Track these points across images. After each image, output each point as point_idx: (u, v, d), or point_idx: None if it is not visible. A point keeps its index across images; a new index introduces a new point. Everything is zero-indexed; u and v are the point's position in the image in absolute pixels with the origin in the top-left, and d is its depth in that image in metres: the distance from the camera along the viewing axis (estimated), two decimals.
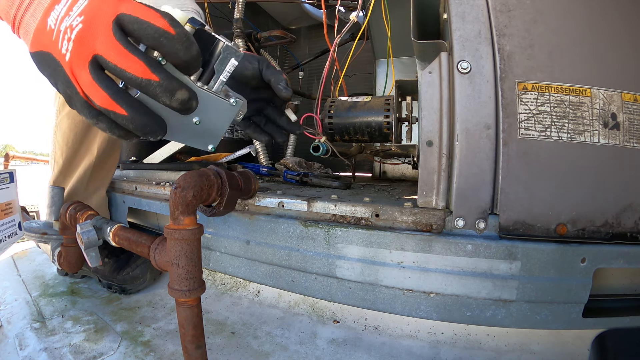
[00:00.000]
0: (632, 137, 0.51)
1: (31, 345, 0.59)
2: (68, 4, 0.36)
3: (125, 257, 0.82)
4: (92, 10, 0.35)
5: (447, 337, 0.57)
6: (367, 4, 0.95)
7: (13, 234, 0.68)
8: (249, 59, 0.59)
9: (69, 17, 0.35)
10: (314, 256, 0.59)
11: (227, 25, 1.52)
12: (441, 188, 0.54)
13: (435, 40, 0.55)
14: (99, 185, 0.89)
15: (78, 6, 0.35)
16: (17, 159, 2.56)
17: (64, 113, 0.81)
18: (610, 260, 0.50)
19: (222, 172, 0.50)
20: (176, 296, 0.44)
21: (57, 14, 0.36)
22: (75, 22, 0.35)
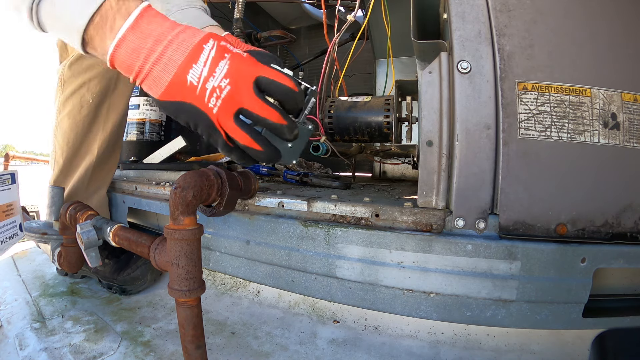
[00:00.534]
0: (632, 137, 0.51)
1: (31, 345, 0.59)
2: (209, 65, 0.43)
3: (126, 258, 0.82)
4: (235, 74, 0.44)
5: (447, 337, 0.57)
6: (366, 4, 0.95)
7: (14, 235, 0.68)
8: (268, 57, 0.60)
9: (213, 78, 0.43)
10: (314, 256, 0.59)
11: (227, 25, 1.52)
12: (441, 188, 0.54)
13: (435, 40, 0.55)
14: (100, 185, 0.89)
15: (220, 69, 0.43)
16: (17, 159, 2.56)
17: (64, 113, 0.81)
18: (610, 260, 0.50)
19: (222, 172, 0.50)
20: (176, 296, 0.44)
21: (199, 73, 0.43)
22: (224, 84, 0.43)
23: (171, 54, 0.43)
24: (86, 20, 0.42)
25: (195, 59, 0.43)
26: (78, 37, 0.43)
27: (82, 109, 0.81)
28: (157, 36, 0.43)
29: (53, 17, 0.43)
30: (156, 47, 0.43)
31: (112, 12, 0.42)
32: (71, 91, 0.80)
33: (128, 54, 0.43)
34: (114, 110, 0.85)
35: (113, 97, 0.84)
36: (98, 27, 0.43)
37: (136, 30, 0.43)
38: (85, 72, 0.80)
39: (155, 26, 0.43)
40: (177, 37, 0.43)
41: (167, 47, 0.43)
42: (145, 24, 0.43)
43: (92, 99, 0.80)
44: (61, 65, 0.82)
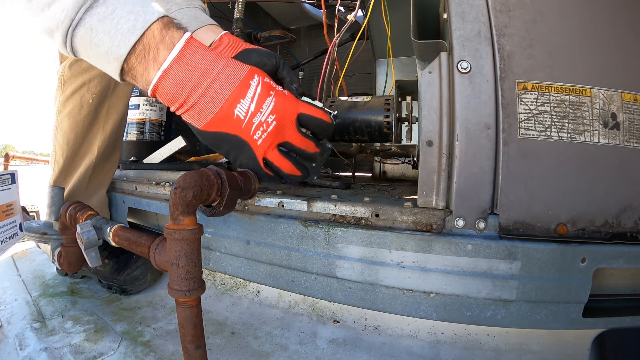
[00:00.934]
0: (632, 137, 0.51)
1: (31, 345, 0.59)
2: (255, 102, 0.47)
3: (126, 258, 0.82)
4: (280, 111, 0.48)
5: (447, 337, 0.57)
6: (366, 4, 0.95)
7: (14, 235, 0.68)
8: (268, 56, 0.61)
9: (260, 114, 0.47)
10: (314, 256, 0.59)
11: (227, 25, 1.52)
12: (441, 188, 0.54)
13: (435, 40, 0.55)
14: (100, 185, 0.89)
15: (267, 105, 0.47)
16: (17, 159, 2.56)
17: (64, 113, 0.81)
18: (610, 260, 0.50)
19: (222, 172, 0.50)
20: (176, 296, 0.44)
21: (246, 108, 0.46)
22: (270, 120, 0.48)
23: (218, 88, 0.45)
24: (128, 49, 0.42)
25: (243, 94, 0.46)
26: (117, 65, 0.43)
27: (82, 109, 0.81)
28: (203, 69, 0.44)
29: (90, 43, 0.42)
30: (203, 80, 0.44)
31: (154, 42, 0.43)
32: (71, 91, 0.80)
33: (173, 86, 0.44)
34: (114, 111, 0.85)
35: (113, 97, 0.84)
36: (140, 56, 0.43)
37: (181, 62, 0.44)
38: (85, 73, 0.80)
39: (200, 58, 0.45)
40: (223, 71, 0.45)
41: (214, 81, 0.44)
42: (190, 56, 0.44)
43: (92, 99, 0.80)
44: (61, 66, 0.82)
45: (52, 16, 0.41)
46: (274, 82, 0.51)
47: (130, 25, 0.41)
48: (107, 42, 0.42)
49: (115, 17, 0.41)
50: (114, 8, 0.41)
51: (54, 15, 0.40)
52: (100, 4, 0.41)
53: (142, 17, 0.42)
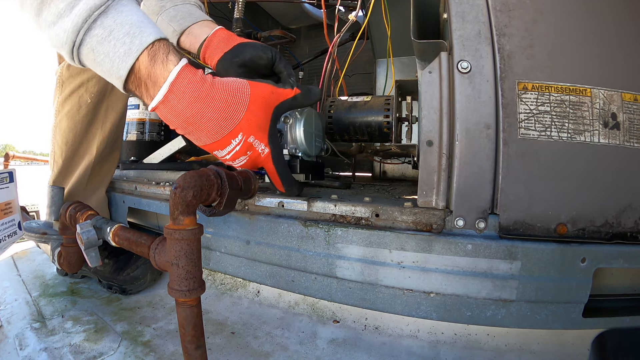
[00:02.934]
0: (632, 137, 0.51)
1: (31, 345, 0.59)
2: (231, 155, 0.53)
3: (126, 258, 0.82)
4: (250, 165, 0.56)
5: (447, 337, 0.57)
6: (367, 4, 0.95)
7: (13, 234, 0.68)
8: (264, 49, 0.61)
9: (233, 162, 0.55)
10: (314, 256, 0.59)
11: (227, 25, 1.52)
12: (441, 188, 0.54)
13: (435, 40, 0.54)
14: (99, 185, 0.89)
15: (239, 161, 0.55)
16: (17, 159, 2.56)
17: (63, 113, 0.81)
18: (610, 260, 0.50)
19: (222, 172, 0.50)
20: (176, 296, 0.44)
21: (222, 155, 0.53)
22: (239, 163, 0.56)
23: (200, 136, 0.49)
24: (126, 71, 0.44)
25: (222, 147, 0.51)
26: (120, 83, 0.45)
27: (81, 109, 0.81)
28: (186, 117, 0.47)
29: (93, 62, 0.44)
30: (188, 126, 0.48)
31: (143, 77, 0.45)
32: (70, 91, 0.80)
33: (164, 119, 0.48)
34: (113, 110, 0.85)
35: (111, 97, 0.84)
36: (134, 84, 0.45)
37: (166, 106, 0.46)
38: (83, 73, 0.79)
39: (185, 106, 0.46)
40: (205, 123, 0.48)
41: (197, 131, 0.49)
42: (175, 101, 0.46)
43: (90, 99, 0.80)
44: (60, 66, 0.82)
45: (57, 35, 0.42)
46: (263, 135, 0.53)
47: (127, 48, 0.42)
48: (107, 63, 0.43)
49: (112, 40, 0.42)
50: (110, 30, 0.42)
51: (58, 35, 0.42)
52: (98, 26, 0.41)
53: (137, 41, 0.43)
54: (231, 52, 0.61)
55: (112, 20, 0.42)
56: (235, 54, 0.60)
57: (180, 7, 0.70)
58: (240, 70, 0.60)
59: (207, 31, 0.66)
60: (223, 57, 0.60)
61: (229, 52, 0.61)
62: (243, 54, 0.60)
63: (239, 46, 0.61)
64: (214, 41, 0.64)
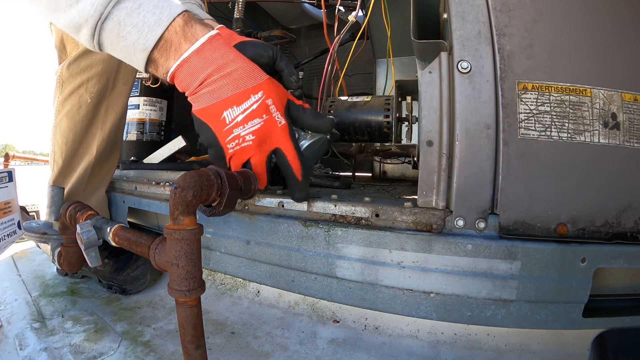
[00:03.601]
0: (632, 137, 0.51)
1: (31, 345, 0.59)
2: (245, 115, 0.48)
3: (126, 258, 0.82)
4: (261, 136, 0.50)
5: (447, 337, 0.57)
6: (366, 4, 0.95)
7: (12, 233, 0.68)
8: (265, 48, 0.61)
9: (243, 128, 0.49)
10: (314, 256, 0.59)
11: (227, 25, 1.52)
12: (441, 188, 0.54)
13: (435, 40, 0.55)
14: (99, 184, 0.89)
15: (253, 124, 0.49)
16: (17, 159, 2.56)
17: (63, 113, 0.81)
18: (610, 260, 0.50)
19: (222, 172, 0.50)
20: (176, 296, 0.44)
21: (234, 116, 0.48)
22: (248, 138, 0.49)
23: (222, 85, 0.48)
24: (155, 40, 0.45)
25: (239, 102, 0.48)
26: (144, 56, 0.46)
27: (81, 109, 0.81)
28: (218, 65, 0.47)
29: (117, 36, 0.45)
30: (214, 74, 0.47)
31: (177, 37, 0.46)
32: (69, 91, 0.80)
33: (188, 74, 0.47)
34: (113, 110, 0.85)
35: (111, 97, 0.84)
36: (162, 50, 0.46)
37: (200, 55, 0.47)
38: (83, 73, 0.79)
39: (219, 55, 0.48)
40: (235, 72, 0.48)
41: (223, 78, 0.48)
42: (210, 51, 0.47)
43: (90, 99, 0.80)
44: (60, 66, 0.82)
45: (81, 10, 0.43)
46: (281, 106, 0.51)
47: (157, 18, 0.44)
48: (134, 35, 0.44)
49: (142, 11, 0.44)
50: (140, 3, 0.44)
51: (83, 9, 0.43)
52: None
53: (167, 11, 0.45)
54: None
55: None
56: None
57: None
58: None
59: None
60: None
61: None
62: (244, 52, 0.60)
63: (240, 45, 0.61)
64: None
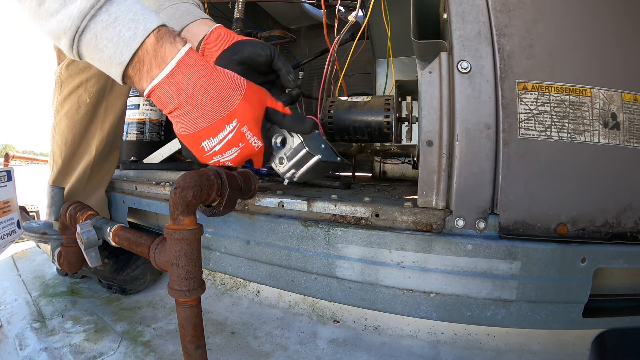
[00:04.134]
0: (632, 137, 0.51)
1: (31, 345, 0.59)
2: (222, 145, 0.50)
3: (125, 258, 0.82)
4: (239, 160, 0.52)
5: (447, 337, 0.57)
6: (366, 4, 0.95)
7: (12, 232, 0.68)
8: (262, 47, 0.61)
9: (222, 156, 0.51)
10: (314, 256, 0.59)
11: (227, 25, 1.52)
12: (441, 188, 0.54)
13: (435, 40, 0.55)
14: (98, 184, 0.89)
15: (230, 153, 0.50)
16: (17, 159, 2.56)
17: (62, 113, 0.81)
18: (610, 260, 0.50)
19: (222, 172, 0.50)
20: (176, 296, 0.44)
21: (211, 145, 0.50)
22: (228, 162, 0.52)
23: (195, 116, 0.48)
24: (130, 56, 0.44)
25: (214, 133, 0.49)
26: (120, 70, 0.46)
27: (80, 109, 0.81)
28: (188, 94, 0.47)
29: (95, 49, 0.45)
30: (185, 104, 0.47)
31: (148, 57, 0.46)
32: (68, 91, 0.80)
33: (160, 100, 0.48)
34: (112, 110, 0.85)
35: (110, 96, 0.84)
36: (136, 68, 0.46)
37: (170, 82, 0.46)
38: (82, 73, 0.80)
39: (189, 81, 0.47)
40: (205, 103, 0.47)
41: (194, 109, 0.47)
42: (180, 77, 0.46)
43: (89, 99, 0.80)
44: (59, 66, 0.82)
45: (60, 22, 0.43)
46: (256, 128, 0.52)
47: (132, 33, 0.44)
48: (110, 49, 0.44)
49: (118, 25, 0.43)
50: (116, 17, 0.43)
51: (61, 21, 0.43)
52: (103, 12, 0.43)
53: (142, 26, 0.44)
54: (230, 49, 0.61)
55: (116, 7, 0.43)
56: (233, 52, 0.60)
57: (178, 6, 0.70)
58: (238, 67, 0.60)
59: (205, 29, 0.66)
60: (221, 55, 0.60)
61: (227, 49, 0.61)
62: (241, 52, 0.60)
63: (238, 44, 0.61)
64: (212, 39, 0.64)
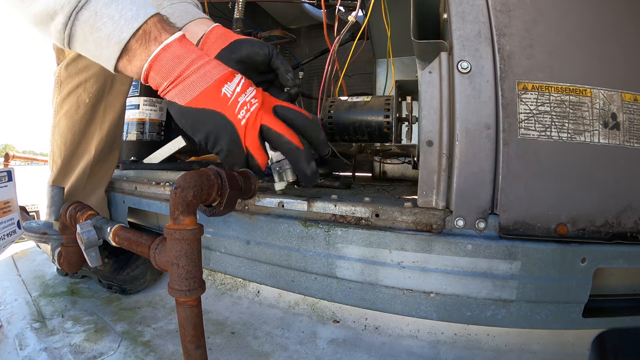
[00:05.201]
0: (632, 137, 0.51)
1: (31, 345, 0.59)
2: (241, 86, 0.50)
3: (125, 258, 0.82)
4: (260, 98, 0.51)
5: (447, 337, 0.57)
6: (366, 4, 0.95)
7: (12, 233, 0.68)
8: (260, 46, 0.61)
9: (245, 95, 0.49)
10: (314, 256, 0.59)
11: (227, 26, 1.52)
12: (441, 188, 0.54)
13: (435, 40, 0.55)
14: (98, 184, 0.89)
15: (250, 92, 0.50)
16: (17, 159, 2.56)
17: (61, 113, 0.81)
18: (610, 260, 0.50)
19: (222, 172, 0.50)
20: (176, 296, 0.44)
21: (233, 89, 0.48)
22: (254, 101, 0.50)
23: (210, 68, 0.48)
24: (130, 33, 0.44)
25: (230, 79, 0.49)
26: (117, 49, 0.45)
27: (79, 109, 0.81)
28: (199, 53, 0.48)
29: (91, 27, 0.44)
30: (198, 60, 0.48)
31: (156, 29, 0.47)
32: (68, 91, 0.80)
33: (171, 59, 0.47)
34: (111, 110, 0.85)
35: (109, 96, 0.84)
36: (140, 39, 0.46)
37: (181, 43, 0.48)
38: (81, 73, 0.80)
39: (195, 48, 0.49)
40: (213, 60, 0.49)
41: (208, 63, 0.48)
42: (188, 44, 0.49)
43: (88, 99, 0.80)
44: (58, 67, 0.82)
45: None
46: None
47: (134, 13, 0.45)
48: (110, 26, 0.44)
49: (120, 4, 0.44)
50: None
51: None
52: None
53: (143, 10, 0.45)
54: (228, 48, 0.61)
55: None
56: (232, 51, 0.60)
57: (177, 6, 0.70)
58: (237, 66, 0.60)
59: (204, 28, 0.66)
60: (220, 54, 0.60)
61: (225, 48, 0.61)
62: (240, 51, 0.60)
63: (236, 42, 0.61)
64: (210, 38, 0.64)
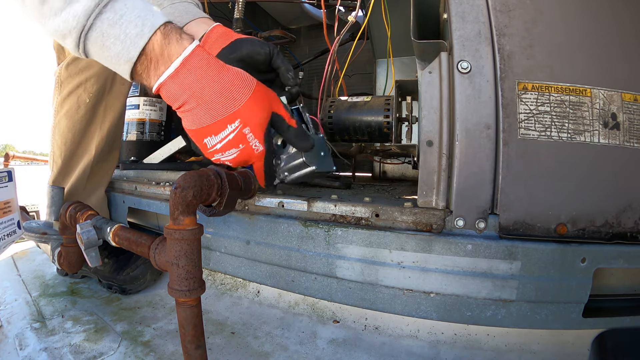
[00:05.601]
0: (632, 137, 0.51)
1: (31, 345, 0.59)
2: (222, 145, 0.50)
3: (125, 258, 0.82)
4: (237, 162, 0.53)
5: (447, 337, 0.57)
6: (366, 4, 0.95)
7: (12, 233, 0.68)
8: (261, 45, 0.61)
9: (222, 155, 0.51)
10: (314, 256, 0.59)
11: (227, 26, 1.52)
12: (441, 188, 0.54)
13: (435, 40, 0.55)
14: (98, 184, 0.89)
15: (230, 154, 0.51)
16: (17, 159, 2.56)
17: (61, 113, 0.81)
18: (610, 260, 0.50)
19: (222, 172, 0.50)
20: (176, 296, 0.44)
21: (213, 143, 0.50)
22: (228, 162, 0.53)
23: (198, 113, 0.48)
24: (137, 52, 0.45)
25: (216, 132, 0.49)
26: (128, 67, 0.46)
27: (79, 109, 0.81)
28: (192, 92, 0.48)
29: (102, 47, 0.45)
30: (190, 101, 0.48)
31: (154, 55, 0.46)
32: (68, 92, 0.80)
33: (167, 97, 0.49)
34: (111, 110, 0.85)
35: (109, 96, 0.84)
36: (143, 65, 0.46)
37: (175, 80, 0.47)
38: (81, 73, 0.80)
39: (193, 80, 0.47)
40: (210, 101, 0.48)
41: (199, 106, 0.48)
42: (184, 75, 0.47)
43: (89, 99, 0.80)
44: (59, 67, 0.82)
45: (65, 21, 0.42)
46: (260, 131, 0.51)
47: (139, 30, 0.44)
48: (118, 46, 0.44)
49: (124, 22, 0.43)
50: (122, 14, 0.43)
51: (66, 20, 0.42)
52: (109, 10, 0.43)
53: (149, 22, 0.45)
54: (228, 47, 0.61)
55: (122, 4, 0.43)
56: (232, 50, 0.60)
57: (177, 5, 0.70)
58: (237, 66, 0.60)
59: (204, 28, 0.66)
60: (220, 53, 0.61)
61: (226, 47, 0.61)
62: (240, 50, 0.60)
63: (237, 42, 0.61)
64: (211, 37, 0.64)
